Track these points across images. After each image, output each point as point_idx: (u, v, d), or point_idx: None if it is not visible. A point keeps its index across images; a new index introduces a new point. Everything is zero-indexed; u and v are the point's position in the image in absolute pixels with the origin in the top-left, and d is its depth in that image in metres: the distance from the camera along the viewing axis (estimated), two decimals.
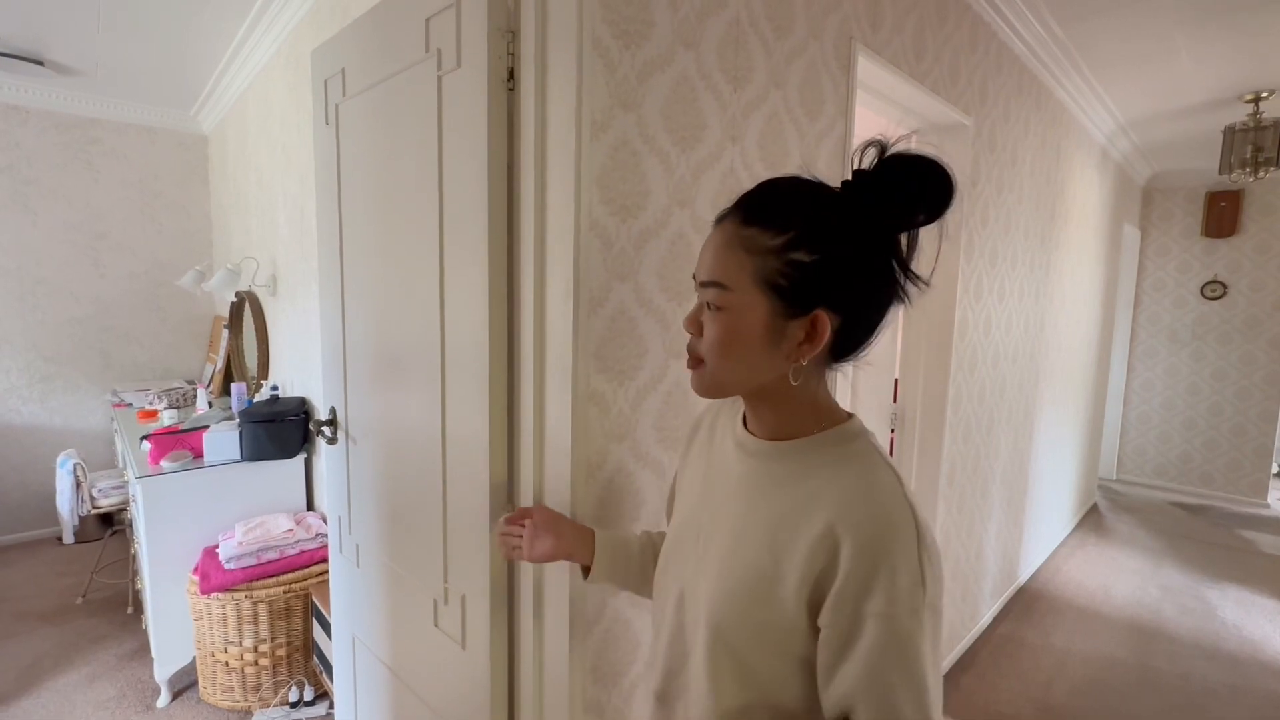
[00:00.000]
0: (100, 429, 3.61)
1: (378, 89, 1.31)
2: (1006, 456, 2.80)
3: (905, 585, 0.54)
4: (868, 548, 0.55)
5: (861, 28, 1.53)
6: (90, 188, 3.48)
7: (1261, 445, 4.45)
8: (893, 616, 0.54)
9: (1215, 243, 4.52)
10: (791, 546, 0.60)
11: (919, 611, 0.55)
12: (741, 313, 0.60)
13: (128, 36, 2.60)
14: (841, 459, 0.63)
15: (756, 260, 0.59)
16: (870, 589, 0.55)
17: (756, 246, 0.59)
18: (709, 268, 0.62)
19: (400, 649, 1.45)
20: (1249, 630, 2.79)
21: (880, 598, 0.55)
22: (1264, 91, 2.86)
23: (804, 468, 0.63)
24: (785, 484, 0.64)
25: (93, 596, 2.82)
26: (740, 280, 0.60)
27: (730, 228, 0.61)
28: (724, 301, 0.61)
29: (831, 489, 0.60)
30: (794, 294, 0.59)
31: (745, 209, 0.61)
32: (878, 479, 0.60)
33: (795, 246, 0.58)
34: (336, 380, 1.58)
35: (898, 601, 0.54)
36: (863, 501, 0.58)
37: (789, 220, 0.59)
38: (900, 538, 0.56)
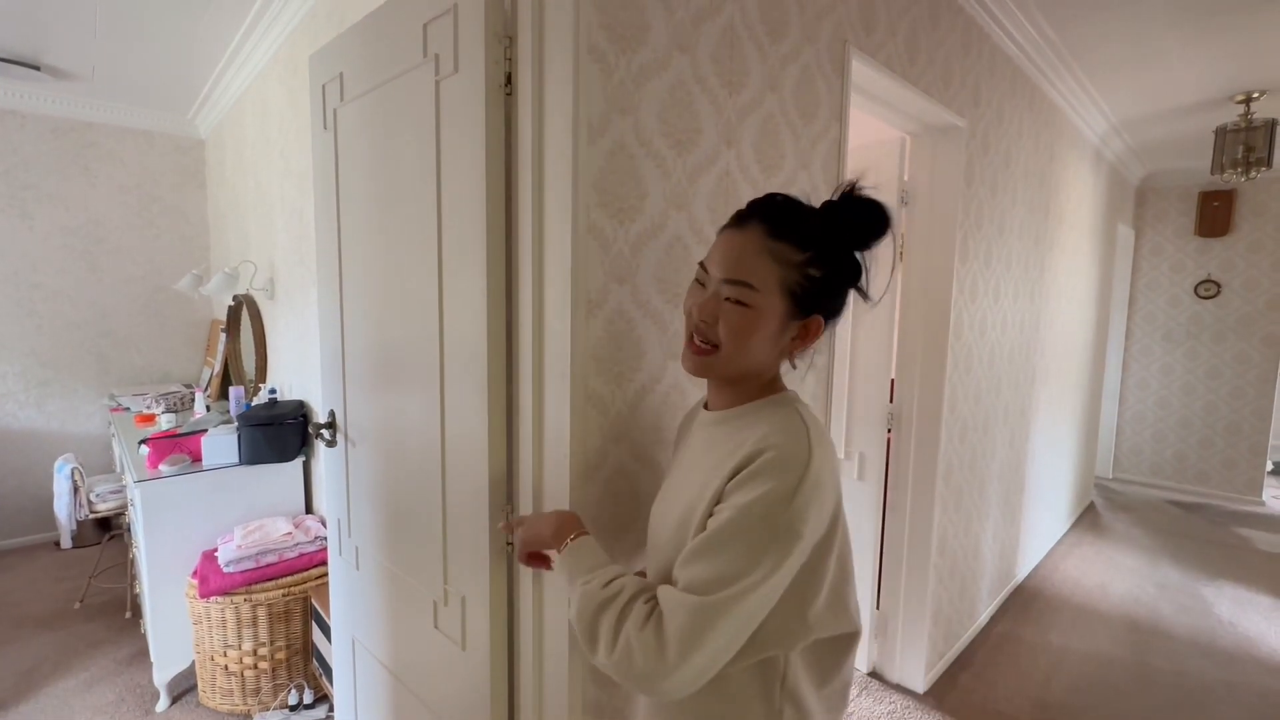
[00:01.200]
0: (98, 433, 3.61)
1: (376, 93, 1.32)
2: (1003, 456, 2.81)
3: (770, 496, 0.65)
4: (762, 464, 0.67)
5: (855, 31, 1.54)
6: (87, 192, 3.48)
7: (1256, 443, 4.47)
8: (745, 509, 0.65)
9: (1208, 242, 4.55)
10: (717, 477, 0.71)
11: (771, 519, 0.65)
12: (763, 312, 0.72)
13: (124, 41, 2.60)
14: (770, 412, 0.75)
15: (783, 270, 0.71)
16: (744, 489, 0.66)
17: (785, 258, 0.71)
18: (737, 267, 0.72)
19: (400, 651, 1.45)
20: (1245, 627, 2.81)
21: (744, 495, 0.66)
22: (1254, 92, 2.89)
23: (743, 424, 0.76)
24: (725, 438, 0.76)
25: (91, 601, 2.82)
26: (768, 284, 0.71)
27: (758, 236, 0.72)
28: (751, 300, 0.72)
29: (755, 431, 0.72)
30: (804, 302, 0.73)
31: (774, 223, 0.72)
32: (790, 422, 0.72)
33: (813, 263, 0.72)
34: (335, 383, 1.59)
35: (757, 502, 0.65)
36: (774, 433, 0.69)
37: (810, 240, 0.72)
38: (788, 464, 0.66)
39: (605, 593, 0.69)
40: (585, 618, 0.69)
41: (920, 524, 2.23)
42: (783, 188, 1.36)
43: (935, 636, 2.33)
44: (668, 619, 0.64)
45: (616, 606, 0.67)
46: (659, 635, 0.63)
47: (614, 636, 0.66)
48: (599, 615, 0.68)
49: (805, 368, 0.81)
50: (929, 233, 2.15)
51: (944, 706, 2.20)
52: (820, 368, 1.53)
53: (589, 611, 0.69)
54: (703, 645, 0.62)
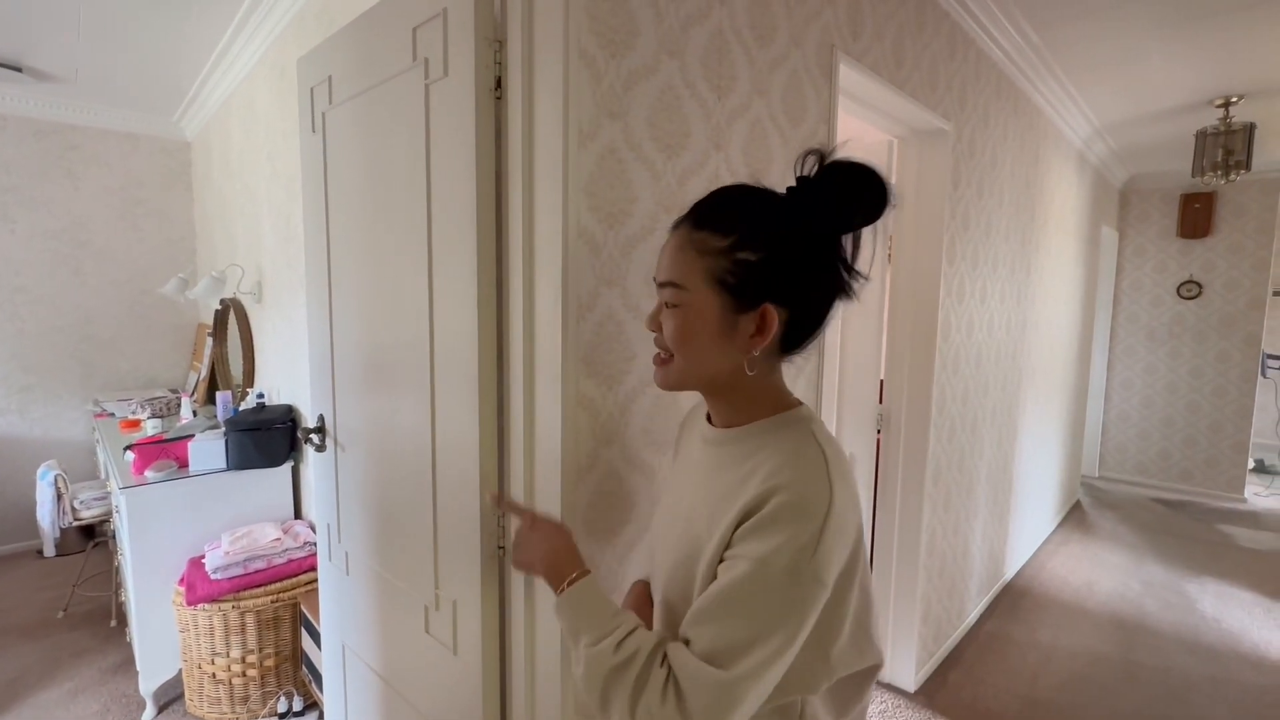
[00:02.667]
0: (82, 439, 3.56)
1: (365, 97, 1.31)
2: (991, 455, 2.84)
3: (790, 548, 0.58)
4: (777, 509, 0.59)
5: (842, 36, 1.55)
6: (71, 195, 3.44)
7: (1238, 441, 4.54)
8: (762, 563, 0.58)
9: (1190, 243, 4.62)
10: (725, 515, 0.64)
11: (793, 574, 0.58)
12: (696, 309, 0.66)
13: (109, 43, 2.58)
14: (781, 440, 0.67)
15: (707, 260, 0.65)
16: (760, 537, 0.59)
17: (707, 248, 0.65)
18: (666, 269, 0.69)
19: (391, 656, 1.44)
20: (1228, 623, 2.85)
21: (760, 546, 0.59)
22: (1233, 96, 2.94)
23: (750, 448, 0.68)
24: (732, 464, 0.69)
25: (74, 610, 2.78)
26: (693, 279, 0.66)
27: (684, 232, 0.68)
28: (680, 299, 0.67)
29: (767, 463, 0.64)
30: (741, 290, 0.65)
31: (696, 215, 0.68)
32: (806, 452, 0.64)
33: (740, 247, 0.64)
34: (324, 387, 1.58)
35: (775, 555, 0.58)
36: (787, 467, 0.62)
37: (734, 223, 0.65)
38: (808, 509, 0.59)
39: (617, 658, 0.62)
40: (596, 684, 0.62)
41: (909, 524, 2.25)
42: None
43: (925, 635, 2.35)
44: (689, 694, 0.58)
45: (631, 674, 0.60)
46: (682, 710, 0.58)
47: (630, 707, 0.60)
48: (612, 683, 0.61)
49: (795, 371, 0.77)
50: (916, 235, 2.17)
51: (934, 705, 2.22)
52: (809, 370, 1.54)
53: (599, 677, 0.62)
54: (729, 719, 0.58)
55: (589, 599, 0.70)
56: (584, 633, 0.66)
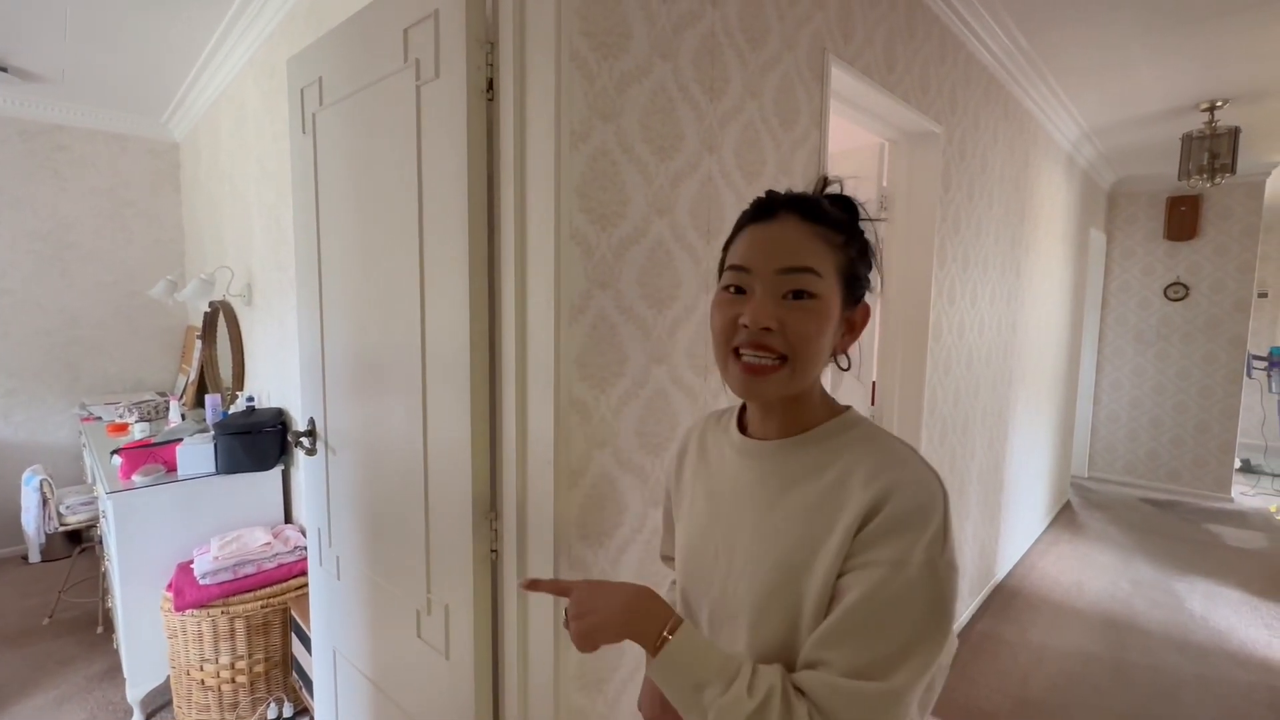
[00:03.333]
0: (68, 444, 3.51)
1: (356, 98, 1.31)
2: (982, 456, 2.86)
3: (927, 543, 0.56)
4: (901, 509, 0.57)
5: (834, 39, 1.56)
6: (57, 196, 3.40)
7: (1224, 441, 4.59)
8: (901, 566, 0.55)
9: (1177, 245, 4.67)
10: (830, 531, 0.60)
11: (934, 568, 0.56)
12: (830, 302, 0.62)
13: (96, 43, 2.55)
14: (857, 441, 0.64)
15: (835, 253, 0.63)
16: (889, 541, 0.56)
17: (831, 240, 0.63)
18: (795, 253, 0.62)
19: (382, 661, 1.43)
20: (1216, 621, 2.88)
21: (894, 549, 0.56)
22: (1218, 100, 2.98)
23: (824, 455, 0.64)
24: (809, 473, 0.64)
25: (60, 616, 2.74)
26: (828, 268, 0.62)
27: (796, 222, 0.63)
28: (818, 288, 0.61)
29: (862, 469, 0.61)
30: (855, 286, 0.65)
31: (805, 209, 0.64)
32: (895, 448, 0.63)
33: (849, 245, 0.64)
34: (315, 391, 1.56)
35: (914, 553, 0.56)
36: (891, 468, 0.60)
37: (841, 223, 0.64)
38: (927, 501, 0.58)
39: (754, 702, 0.56)
40: None
41: None
42: None
43: None
44: (841, 714, 0.54)
45: (774, 713, 0.55)
46: None
47: None
48: None
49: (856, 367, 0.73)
50: (908, 237, 2.18)
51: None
52: None
53: None
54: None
55: (699, 649, 0.61)
56: (708, 684, 0.58)
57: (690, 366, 1.26)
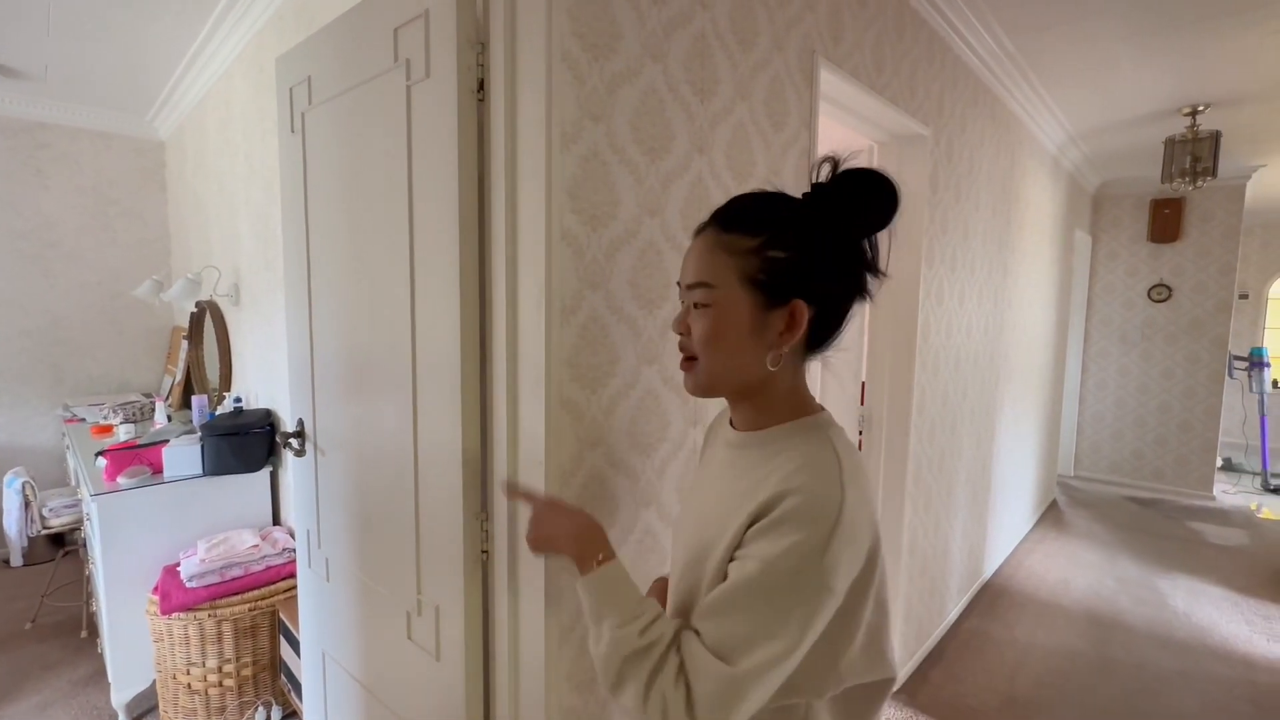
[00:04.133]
0: (51, 445, 3.46)
1: (345, 97, 1.30)
2: (970, 456, 2.88)
3: (798, 550, 0.59)
4: (787, 511, 0.60)
5: (824, 41, 1.57)
6: (40, 195, 3.35)
7: (1206, 441, 4.67)
8: (771, 564, 0.59)
9: (1160, 247, 4.74)
10: (738, 516, 0.65)
11: (799, 574, 0.59)
12: (728, 307, 0.67)
13: (80, 39, 2.52)
14: (798, 445, 0.67)
15: (738, 260, 0.67)
16: (769, 538, 0.60)
17: (737, 248, 0.67)
18: (695, 270, 0.70)
19: (372, 663, 1.43)
20: (1198, 618, 2.93)
21: (769, 547, 0.60)
22: (1200, 105, 3.03)
23: (769, 452, 0.69)
24: (751, 467, 0.70)
25: (43, 621, 2.70)
26: (725, 278, 0.67)
27: (711, 235, 0.69)
28: (711, 299, 0.68)
29: (782, 470, 0.65)
30: (772, 287, 0.67)
31: (723, 218, 0.69)
32: (821, 456, 0.65)
33: (770, 245, 0.66)
34: (304, 392, 1.55)
35: (783, 557, 0.59)
36: (801, 471, 0.63)
37: (762, 224, 0.67)
38: (818, 512, 0.60)
39: (641, 642, 0.64)
40: (614, 663, 0.65)
41: (891, 524, 2.28)
42: None
43: (907, 634, 2.38)
44: (696, 683, 0.60)
45: (651, 659, 0.63)
46: (689, 697, 0.61)
47: (646, 689, 0.63)
48: (631, 665, 0.64)
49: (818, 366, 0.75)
50: (896, 238, 2.20)
51: (916, 703, 2.24)
52: None
53: (619, 658, 0.65)
54: (732, 712, 0.60)
55: (618, 582, 0.71)
56: (610, 615, 0.68)
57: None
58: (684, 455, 1.29)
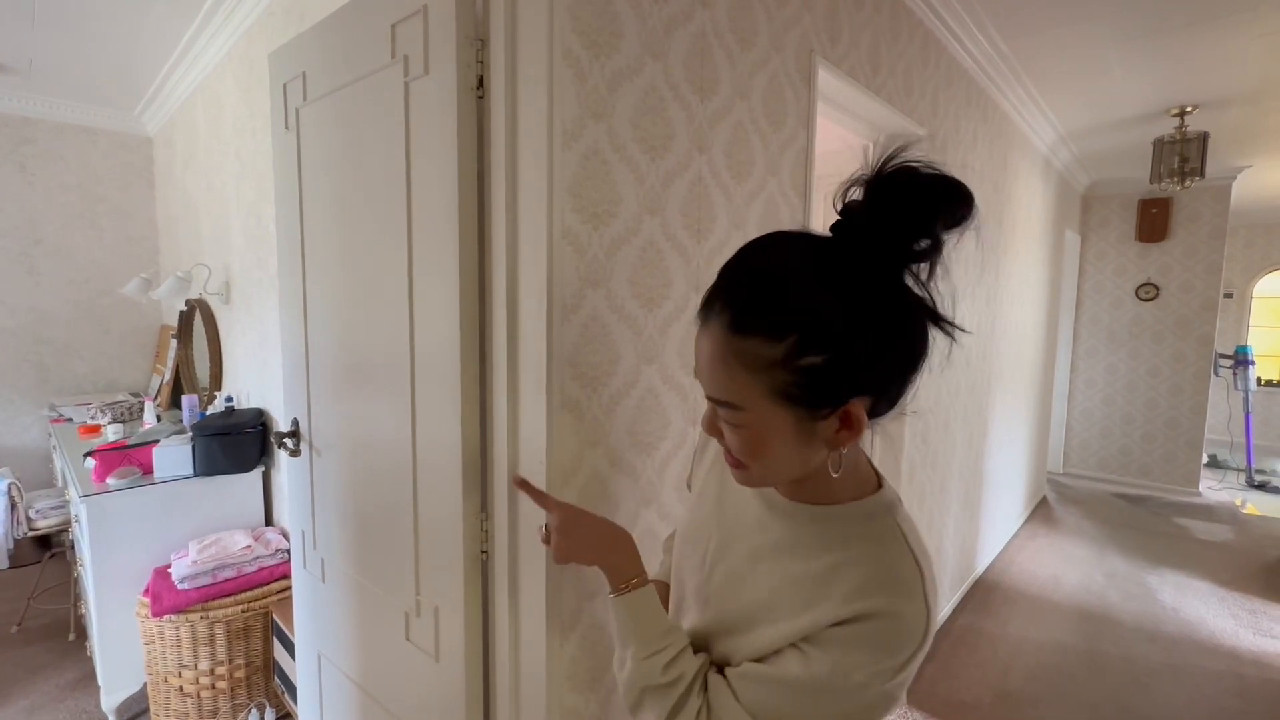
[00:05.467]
0: (36, 446, 3.41)
1: (341, 94, 1.29)
2: (962, 454, 2.90)
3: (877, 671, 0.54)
4: (875, 631, 0.55)
5: (821, 41, 1.57)
6: (23, 191, 3.29)
7: (1193, 438, 4.73)
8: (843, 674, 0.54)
9: (1148, 247, 4.80)
10: (801, 613, 0.58)
11: (867, 689, 0.54)
12: (763, 429, 0.55)
13: (65, 33, 2.48)
14: (867, 537, 0.59)
15: (763, 377, 0.52)
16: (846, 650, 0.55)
17: (759, 362, 0.52)
18: (710, 385, 0.56)
19: (370, 665, 1.42)
20: (1185, 612, 2.97)
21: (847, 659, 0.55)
22: (1188, 106, 3.06)
23: (831, 538, 0.60)
24: (809, 550, 0.61)
25: (30, 624, 2.66)
26: (751, 399, 0.53)
27: (722, 338, 0.53)
28: (741, 420, 0.55)
29: (858, 573, 0.57)
30: (815, 398, 0.52)
31: (732, 313, 0.53)
32: (903, 569, 0.57)
33: (803, 351, 0.50)
34: (299, 391, 1.54)
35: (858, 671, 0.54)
36: (884, 589, 0.56)
37: (788, 321, 0.51)
38: (906, 636, 0.55)
39: (663, 678, 0.62)
40: (634, 693, 0.65)
41: None
42: (754, 194, 1.39)
43: None
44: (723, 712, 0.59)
45: (673, 697, 0.62)
46: None
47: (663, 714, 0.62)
48: (652, 697, 0.63)
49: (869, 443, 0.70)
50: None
51: (910, 699, 2.25)
52: None
53: (639, 689, 0.64)
54: None
55: (648, 608, 0.67)
56: (634, 643, 0.65)
57: (681, 366, 1.26)
58: (684, 454, 1.29)
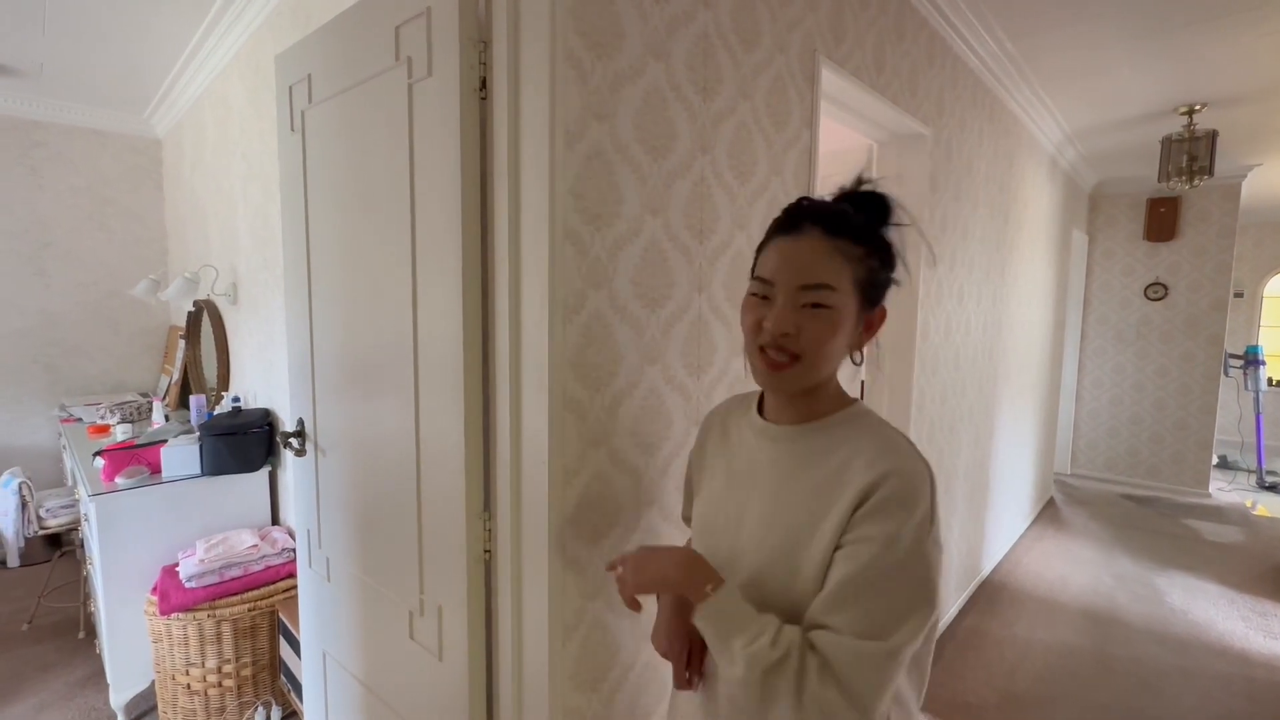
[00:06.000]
0: (47, 446, 3.45)
1: (346, 96, 1.29)
2: (968, 454, 2.89)
3: (915, 523, 0.65)
4: (892, 492, 0.66)
5: (825, 41, 1.57)
6: (34, 194, 3.33)
7: (1202, 438, 4.69)
8: (894, 541, 0.65)
9: (1156, 246, 4.76)
10: (831, 509, 0.69)
11: (921, 543, 0.65)
12: (844, 309, 0.71)
13: (75, 38, 2.50)
14: (862, 430, 0.74)
15: (852, 266, 0.71)
16: (881, 520, 0.65)
17: (851, 255, 0.71)
18: (814, 271, 0.70)
19: (374, 663, 1.42)
20: (1194, 614, 2.94)
21: (885, 526, 0.65)
22: (1197, 104, 3.04)
23: (833, 440, 0.74)
24: (818, 456, 0.74)
25: (40, 622, 2.69)
26: (843, 282, 0.70)
27: (819, 237, 0.71)
28: (832, 300, 0.70)
29: (863, 456, 0.70)
30: (872, 294, 0.73)
31: (828, 223, 0.71)
32: (890, 437, 0.73)
33: (871, 255, 0.72)
34: (304, 391, 1.55)
35: (903, 533, 0.65)
36: (885, 454, 0.69)
37: (864, 234, 0.72)
38: (918, 486, 0.67)
39: (775, 654, 0.66)
40: (755, 681, 0.66)
41: None
42: (756, 194, 1.39)
43: None
44: (850, 672, 0.63)
45: (792, 667, 0.65)
46: (845, 690, 0.63)
47: (797, 697, 0.64)
48: (775, 676, 0.66)
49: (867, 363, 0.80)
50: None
51: None
52: None
53: (758, 673, 0.66)
54: (888, 689, 0.63)
55: (736, 603, 0.72)
56: (737, 635, 0.69)
57: (684, 366, 1.26)
58: (687, 454, 1.29)
